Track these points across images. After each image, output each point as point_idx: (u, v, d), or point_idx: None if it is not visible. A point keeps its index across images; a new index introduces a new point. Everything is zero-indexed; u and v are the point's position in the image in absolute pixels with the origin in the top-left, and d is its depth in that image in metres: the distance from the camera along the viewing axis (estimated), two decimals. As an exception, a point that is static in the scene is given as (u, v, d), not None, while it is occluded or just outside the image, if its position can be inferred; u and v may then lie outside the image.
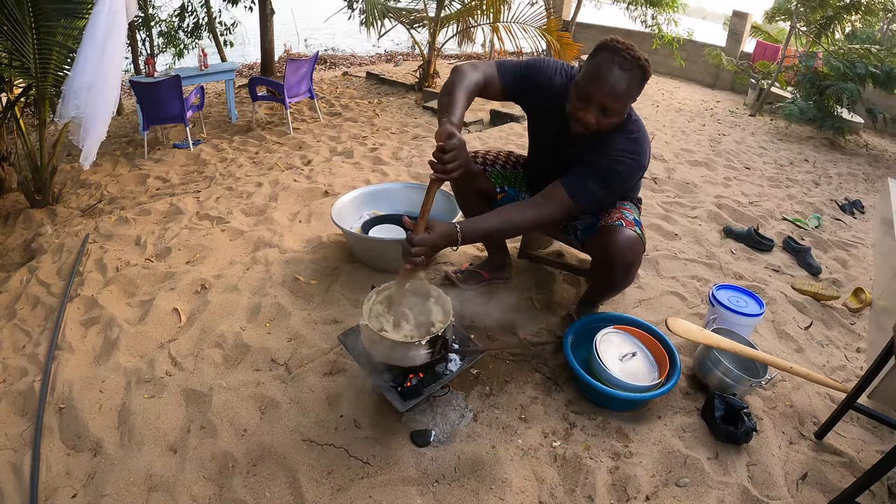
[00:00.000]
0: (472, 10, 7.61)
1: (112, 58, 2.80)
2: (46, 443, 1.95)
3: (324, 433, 1.91)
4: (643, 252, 2.13)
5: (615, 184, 1.94)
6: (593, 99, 1.78)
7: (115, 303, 2.72)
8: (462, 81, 1.89)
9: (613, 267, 2.08)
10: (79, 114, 2.77)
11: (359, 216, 3.16)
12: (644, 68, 1.78)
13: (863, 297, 3.00)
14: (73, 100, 2.72)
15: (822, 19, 8.24)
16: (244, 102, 7.66)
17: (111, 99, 2.92)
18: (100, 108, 2.85)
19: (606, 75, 1.75)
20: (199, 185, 4.56)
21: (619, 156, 1.90)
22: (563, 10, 12.47)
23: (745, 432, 1.90)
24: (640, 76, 1.78)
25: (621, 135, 1.92)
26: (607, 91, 1.75)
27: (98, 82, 2.74)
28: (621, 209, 2.17)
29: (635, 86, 1.79)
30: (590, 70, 1.79)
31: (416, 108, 7.16)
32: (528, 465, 1.83)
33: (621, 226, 2.05)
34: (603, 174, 1.89)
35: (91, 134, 2.90)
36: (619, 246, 2.02)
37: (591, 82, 1.77)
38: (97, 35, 2.71)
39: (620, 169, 1.91)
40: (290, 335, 2.40)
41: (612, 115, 1.82)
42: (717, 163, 5.45)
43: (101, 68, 2.74)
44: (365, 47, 13.79)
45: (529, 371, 2.24)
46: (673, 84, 10.79)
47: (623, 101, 1.79)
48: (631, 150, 1.91)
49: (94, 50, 2.71)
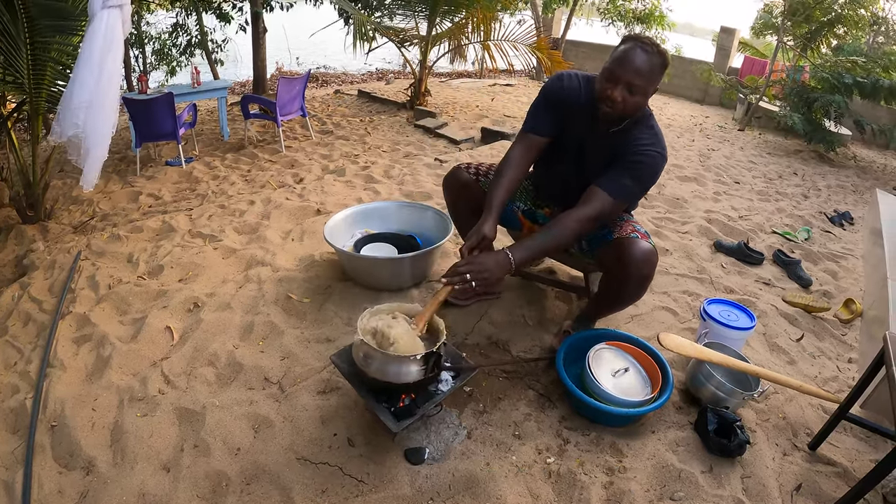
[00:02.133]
0: (463, 28, 7.68)
1: (110, 77, 2.78)
2: (38, 461, 1.93)
3: (318, 452, 1.91)
4: (656, 265, 2.16)
5: (646, 177, 2.06)
6: (620, 78, 1.92)
7: (107, 320, 2.71)
8: (500, 173, 2.16)
9: (629, 279, 2.10)
10: (78, 133, 2.75)
11: (351, 234, 3.16)
12: (664, 55, 1.95)
13: (853, 307, 3.03)
14: (72, 119, 2.70)
15: (807, 33, 8.37)
16: (236, 120, 7.67)
17: (110, 118, 2.89)
18: (99, 128, 2.83)
19: (632, 56, 1.90)
20: (192, 203, 4.55)
21: (644, 149, 2.02)
22: (552, 28, 12.62)
23: (739, 445, 1.91)
24: (660, 61, 1.94)
25: (642, 130, 2.06)
26: (633, 69, 1.89)
27: (96, 101, 2.72)
28: (631, 223, 2.23)
29: (656, 69, 1.94)
30: (616, 55, 1.95)
31: (407, 126, 7.18)
32: (522, 481, 1.83)
33: (637, 238, 2.09)
34: (633, 169, 2.02)
35: (92, 154, 2.88)
36: (635, 258, 2.04)
37: (618, 63, 1.92)
38: (94, 53, 2.70)
39: (648, 161, 2.03)
40: (283, 354, 2.39)
41: (636, 93, 1.93)
42: (706, 178, 5.50)
43: (99, 87, 2.72)
44: (356, 65, 13.87)
45: (523, 388, 2.24)
46: (662, 100, 10.90)
47: (646, 79, 1.92)
48: (653, 142, 2.05)
49: (91, 68, 2.69)
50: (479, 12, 7.33)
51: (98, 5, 2.67)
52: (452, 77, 12.44)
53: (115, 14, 2.73)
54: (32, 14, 3.63)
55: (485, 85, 11.02)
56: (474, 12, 7.37)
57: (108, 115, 2.85)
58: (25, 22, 3.65)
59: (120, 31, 2.79)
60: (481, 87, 10.66)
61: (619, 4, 11.56)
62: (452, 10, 7.57)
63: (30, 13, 3.62)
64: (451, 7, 7.49)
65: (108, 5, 2.69)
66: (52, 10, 3.71)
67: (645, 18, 11.32)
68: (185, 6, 10.34)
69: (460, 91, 10.04)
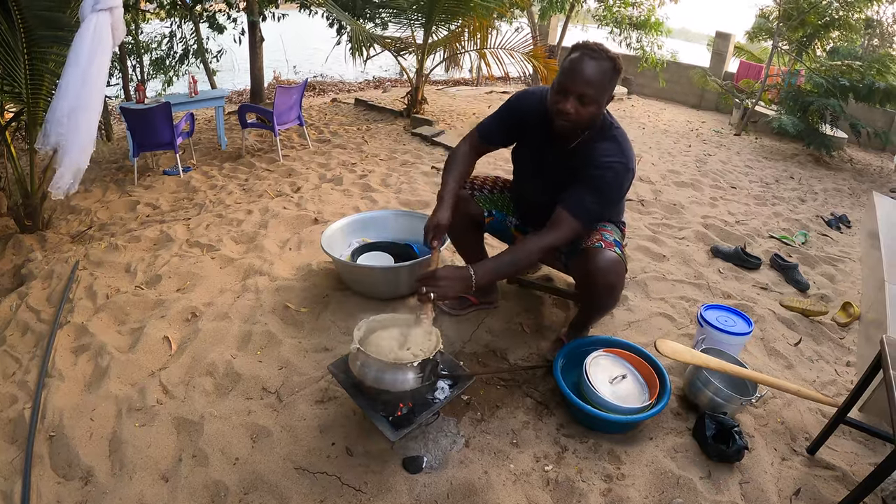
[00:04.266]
0: (459, 36, 7.70)
1: (95, 82, 2.74)
2: (37, 471, 1.93)
3: (316, 461, 1.90)
4: (625, 273, 2.16)
5: (609, 192, 2.01)
6: (570, 89, 1.88)
7: (105, 330, 2.71)
8: (451, 165, 2.23)
9: (596, 288, 2.10)
10: (60, 142, 2.72)
11: (348, 244, 3.17)
12: (614, 60, 1.90)
13: (851, 311, 3.04)
14: (56, 128, 2.67)
15: (802, 37, 8.41)
16: (234, 129, 7.67)
17: (92, 126, 2.84)
18: (79, 136, 2.78)
19: (580, 66, 1.86)
20: (190, 213, 4.56)
21: (606, 162, 1.97)
22: (549, 35, 12.67)
23: (737, 450, 1.91)
24: (610, 66, 1.89)
25: (603, 141, 2.01)
26: (582, 79, 1.86)
27: (79, 107, 2.68)
28: (602, 231, 2.19)
29: (607, 74, 1.89)
30: (565, 66, 1.92)
31: (404, 135, 7.19)
32: (520, 489, 1.82)
33: (601, 247, 2.07)
34: (596, 185, 1.97)
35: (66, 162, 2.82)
36: (599, 267, 2.03)
37: (567, 74, 1.89)
38: (80, 57, 2.66)
39: (611, 175, 1.97)
40: (280, 363, 2.39)
41: (589, 103, 1.89)
42: (703, 183, 5.52)
43: (83, 92, 2.68)
44: (353, 74, 13.89)
45: (520, 396, 2.24)
46: (658, 105, 10.94)
47: (596, 87, 1.88)
48: (615, 152, 1.99)
49: (77, 73, 2.66)
50: (475, 20, 7.35)
51: (88, 8, 2.65)
52: (449, 85, 12.47)
53: (105, 17, 2.70)
54: (30, 24, 3.65)
55: (482, 92, 11.05)
56: (470, 20, 7.40)
57: (90, 122, 2.80)
58: (23, 32, 3.67)
59: (109, 35, 2.75)
60: (478, 95, 10.68)
61: (616, 11, 11.59)
62: (449, 18, 7.59)
63: (27, 23, 3.64)
64: (447, 15, 7.50)
65: (97, 8, 2.66)
66: (49, 20, 3.73)
67: (641, 25, 11.35)
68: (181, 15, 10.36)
69: (457, 99, 10.06)
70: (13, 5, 3.55)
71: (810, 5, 7.96)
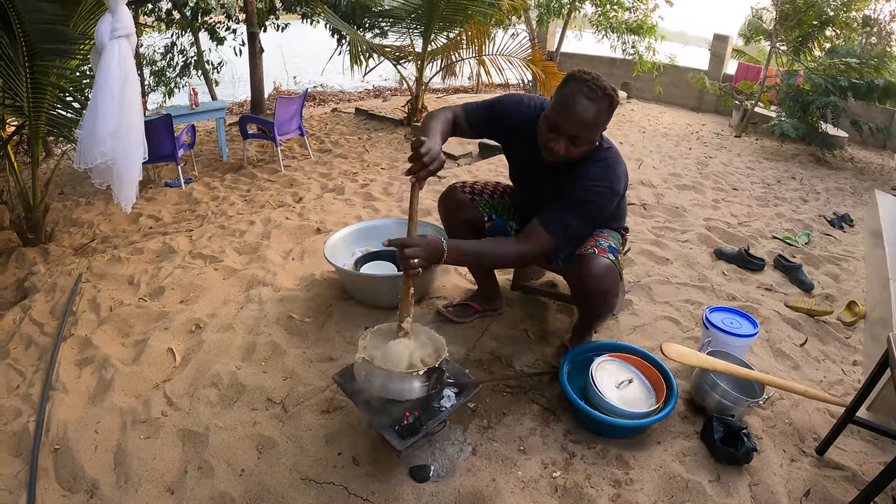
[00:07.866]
0: (458, 44, 7.72)
1: (131, 104, 2.82)
2: (42, 484, 1.92)
3: (322, 471, 1.89)
4: (619, 279, 2.14)
5: (591, 215, 1.98)
6: (562, 129, 1.83)
7: (109, 343, 2.70)
8: (435, 117, 2.05)
9: (590, 294, 2.08)
10: (106, 160, 2.80)
11: (351, 253, 3.17)
12: (611, 97, 1.83)
13: (856, 310, 3.02)
14: (99, 147, 2.73)
15: (799, 37, 8.41)
16: (235, 140, 7.70)
17: (139, 143, 2.97)
18: (130, 153, 2.89)
19: (574, 106, 1.80)
20: (192, 224, 4.56)
21: (593, 186, 1.93)
22: (547, 40, 12.71)
23: (746, 453, 1.90)
24: (607, 105, 1.84)
25: (593, 164, 1.97)
26: (576, 121, 1.81)
27: (122, 129, 2.77)
28: (597, 237, 2.17)
29: (603, 115, 1.84)
30: (558, 101, 1.85)
31: (405, 143, 7.21)
32: (529, 496, 1.81)
33: (594, 253, 2.06)
34: (578, 207, 1.93)
35: (125, 179, 2.94)
36: (591, 273, 2.02)
37: (559, 113, 1.83)
38: (111, 83, 2.71)
39: (595, 200, 1.94)
40: (285, 374, 2.39)
41: (581, 144, 1.86)
42: (705, 185, 5.51)
43: (122, 115, 2.76)
44: (353, 83, 13.94)
45: (527, 402, 2.23)
46: (658, 109, 10.96)
47: (591, 130, 1.84)
48: (602, 177, 1.95)
49: (112, 98, 2.72)
50: (473, 27, 7.38)
51: (106, 36, 2.70)
52: (449, 92, 12.50)
53: (125, 43, 2.77)
54: (32, 38, 3.67)
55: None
56: (469, 27, 7.42)
57: (137, 140, 2.92)
58: (24, 46, 3.68)
59: (132, 59, 2.83)
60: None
61: (612, 16, 11.63)
62: (447, 26, 7.62)
63: (29, 37, 3.66)
64: (445, 23, 7.53)
65: (115, 36, 2.72)
66: (51, 33, 3.74)
67: (637, 29, 11.37)
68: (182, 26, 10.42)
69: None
70: (14, 18, 3.57)
71: (807, 5, 7.97)
